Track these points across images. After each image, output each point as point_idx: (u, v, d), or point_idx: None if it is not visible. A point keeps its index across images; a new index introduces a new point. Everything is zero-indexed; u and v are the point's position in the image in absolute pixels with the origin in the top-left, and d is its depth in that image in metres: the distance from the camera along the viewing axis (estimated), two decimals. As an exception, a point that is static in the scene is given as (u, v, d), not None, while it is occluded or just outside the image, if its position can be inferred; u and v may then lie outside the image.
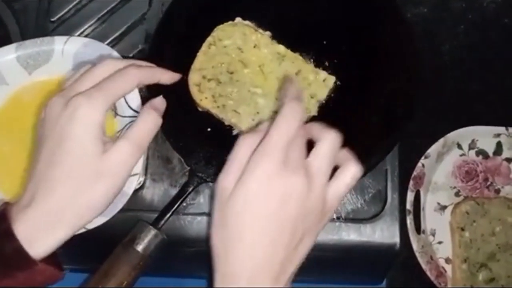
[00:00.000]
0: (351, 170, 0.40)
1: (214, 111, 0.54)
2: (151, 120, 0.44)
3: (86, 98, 0.41)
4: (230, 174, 0.38)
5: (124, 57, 0.56)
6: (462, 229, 0.64)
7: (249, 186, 0.36)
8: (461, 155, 0.68)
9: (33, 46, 0.56)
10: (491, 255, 0.63)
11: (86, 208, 0.41)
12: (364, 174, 0.52)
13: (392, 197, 0.55)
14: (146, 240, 0.48)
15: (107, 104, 0.42)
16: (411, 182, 0.66)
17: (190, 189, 0.52)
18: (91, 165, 0.40)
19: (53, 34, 0.62)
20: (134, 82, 0.45)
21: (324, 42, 0.56)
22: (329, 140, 0.39)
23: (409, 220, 0.65)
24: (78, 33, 0.62)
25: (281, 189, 0.35)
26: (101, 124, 0.42)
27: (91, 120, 0.41)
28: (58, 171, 0.40)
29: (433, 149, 0.67)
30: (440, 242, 0.66)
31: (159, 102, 0.47)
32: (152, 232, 0.48)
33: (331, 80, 0.54)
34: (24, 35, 0.61)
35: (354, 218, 0.55)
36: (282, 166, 0.36)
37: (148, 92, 0.56)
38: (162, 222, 0.50)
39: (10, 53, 0.55)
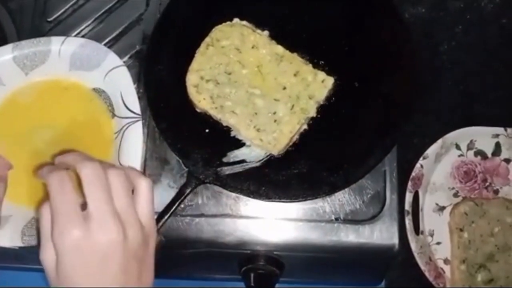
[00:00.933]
0: (144, 185, 0.39)
1: (212, 112, 0.53)
2: None
3: None
4: (45, 249, 0.37)
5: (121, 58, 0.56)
6: (461, 230, 0.64)
7: (65, 260, 0.35)
8: (459, 156, 0.68)
9: (29, 47, 0.55)
10: (490, 256, 0.63)
11: None
12: (363, 176, 0.52)
13: (390, 198, 0.55)
14: (144, 242, 0.47)
15: None
16: (409, 183, 0.65)
17: (188, 190, 0.52)
18: None
19: (49, 34, 0.61)
20: None
21: (323, 43, 0.56)
22: (115, 175, 0.38)
23: (408, 221, 0.65)
24: (75, 33, 0.62)
25: (97, 249, 0.35)
26: None
27: None
28: None
29: (431, 150, 0.67)
30: (438, 243, 0.66)
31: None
32: (150, 234, 0.48)
33: (330, 81, 0.54)
34: (20, 36, 0.61)
35: (352, 219, 0.54)
36: (85, 227, 0.35)
37: (146, 92, 0.56)
38: (160, 224, 0.50)
39: (6, 54, 0.55)
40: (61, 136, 0.55)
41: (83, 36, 0.62)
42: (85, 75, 0.55)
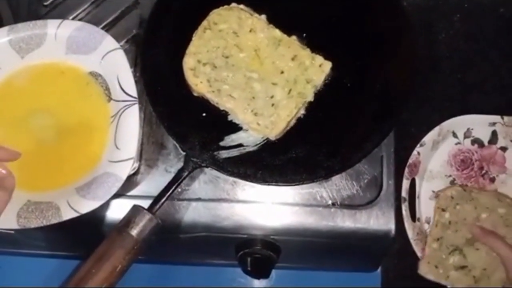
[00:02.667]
0: None
1: (210, 95, 0.53)
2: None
3: None
4: None
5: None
6: (443, 210, 0.63)
7: None
8: (456, 144, 0.68)
9: (25, 30, 0.55)
10: (471, 241, 0.61)
11: None
12: (360, 160, 0.52)
13: (387, 183, 0.55)
14: (140, 225, 0.47)
15: None
16: (406, 170, 0.65)
17: (185, 174, 0.51)
18: None
19: (46, 18, 0.61)
20: None
21: (321, 27, 0.56)
22: None
23: (404, 208, 0.64)
24: (71, 17, 0.61)
25: None
26: None
27: None
28: None
29: (428, 137, 0.67)
30: (434, 230, 0.66)
31: (8, 180, 0.45)
32: (147, 216, 0.48)
33: (328, 65, 0.54)
34: (17, 20, 0.60)
35: (349, 204, 0.54)
36: None
37: (142, 76, 0.55)
38: (157, 207, 0.49)
39: (2, 37, 0.54)
40: (57, 120, 0.54)
41: (79, 20, 0.61)
42: (81, 58, 0.55)
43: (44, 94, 0.55)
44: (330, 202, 0.55)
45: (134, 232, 0.47)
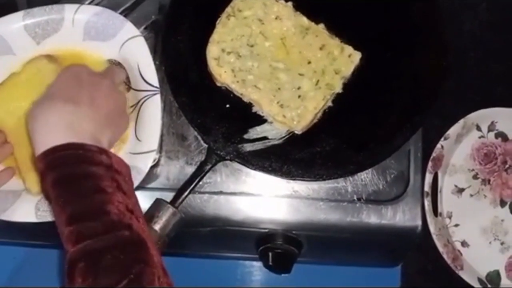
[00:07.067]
0: None
1: (234, 86, 0.51)
2: None
3: None
4: None
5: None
6: None
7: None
8: (480, 137, 0.67)
9: (41, 14, 0.52)
10: None
11: None
12: (390, 154, 0.51)
13: (414, 178, 0.53)
14: (164, 219, 0.46)
15: None
16: (430, 164, 0.64)
17: (208, 167, 0.50)
18: None
19: (62, 3, 0.58)
20: None
21: (350, 16, 0.53)
22: None
23: (427, 203, 0.64)
24: (87, 2, 0.59)
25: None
26: None
27: None
28: None
29: (452, 131, 0.65)
30: (456, 225, 0.65)
31: None
32: (170, 210, 0.46)
33: (357, 56, 0.52)
34: (31, 4, 0.58)
35: (375, 200, 0.53)
36: None
37: (163, 64, 0.53)
38: (180, 200, 0.48)
39: (17, 21, 0.52)
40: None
41: (96, 5, 0.59)
42: (99, 45, 0.53)
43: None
44: (355, 197, 0.53)
45: (157, 227, 0.46)
